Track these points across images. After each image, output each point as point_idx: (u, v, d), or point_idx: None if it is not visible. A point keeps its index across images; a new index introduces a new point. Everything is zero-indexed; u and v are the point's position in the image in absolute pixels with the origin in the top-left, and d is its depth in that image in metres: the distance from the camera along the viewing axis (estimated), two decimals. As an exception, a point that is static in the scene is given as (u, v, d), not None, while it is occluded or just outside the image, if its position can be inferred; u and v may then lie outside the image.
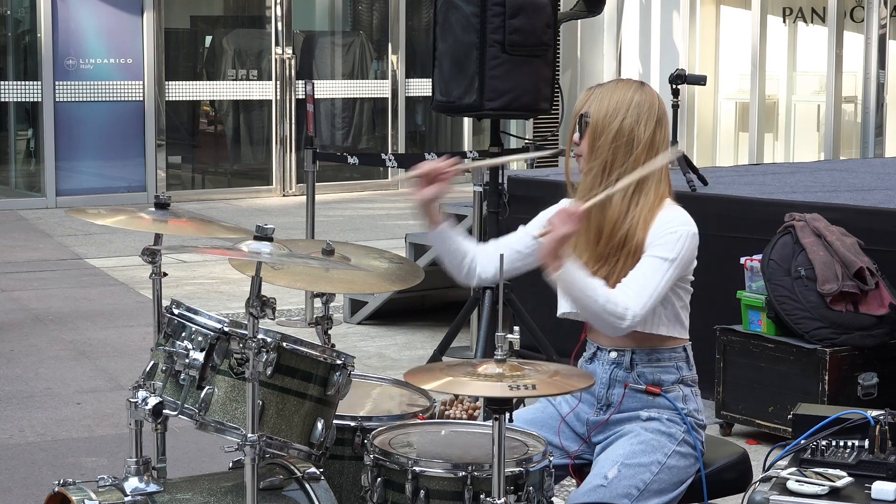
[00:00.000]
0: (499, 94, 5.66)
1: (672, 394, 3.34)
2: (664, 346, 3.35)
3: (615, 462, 3.26)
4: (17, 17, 13.59)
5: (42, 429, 5.75)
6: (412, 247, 7.82)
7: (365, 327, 7.91)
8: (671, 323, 3.34)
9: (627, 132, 3.31)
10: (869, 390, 5.24)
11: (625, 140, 3.31)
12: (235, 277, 8.78)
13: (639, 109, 3.33)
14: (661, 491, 3.27)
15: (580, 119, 3.37)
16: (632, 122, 3.32)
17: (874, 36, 13.73)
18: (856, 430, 3.14)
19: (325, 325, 3.55)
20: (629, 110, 3.33)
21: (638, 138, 3.32)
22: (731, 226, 6.08)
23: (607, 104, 3.34)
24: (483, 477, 2.94)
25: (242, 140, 14.65)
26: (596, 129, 3.33)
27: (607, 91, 3.37)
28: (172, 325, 3.09)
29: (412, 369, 2.99)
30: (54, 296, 8.69)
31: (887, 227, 5.64)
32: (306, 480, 3.15)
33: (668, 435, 3.31)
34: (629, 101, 3.34)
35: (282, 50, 14.04)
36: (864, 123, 13.88)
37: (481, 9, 5.64)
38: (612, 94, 3.36)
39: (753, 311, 5.58)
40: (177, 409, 3.01)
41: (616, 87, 3.38)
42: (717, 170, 8.73)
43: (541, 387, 2.83)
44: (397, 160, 8.55)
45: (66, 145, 12.99)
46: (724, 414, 5.69)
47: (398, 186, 14.65)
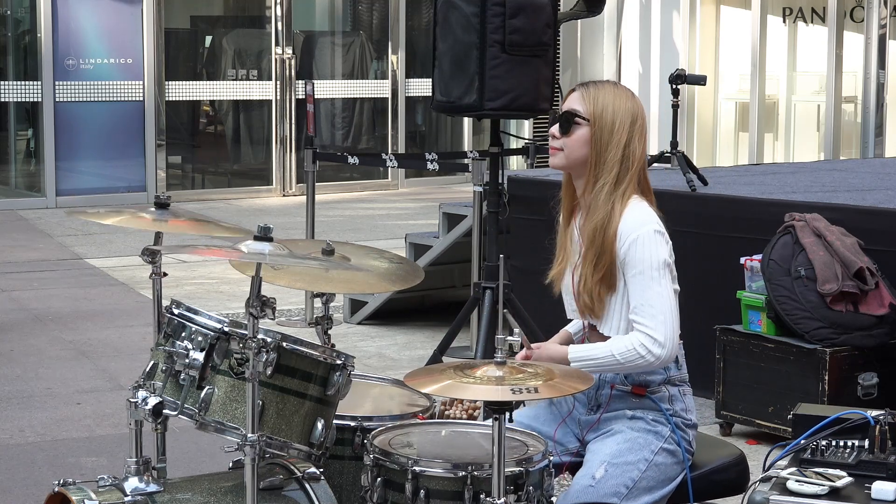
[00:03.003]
0: (499, 94, 5.66)
1: (657, 395, 3.35)
2: None
3: (602, 462, 3.28)
4: (17, 17, 13.58)
5: (42, 429, 5.75)
6: (412, 247, 7.82)
7: (365, 327, 7.91)
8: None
9: (629, 145, 3.33)
10: (869, 390, 5.24)
11: (627, 153, 3.33)
12: (235, 277, 8.78)
13: (633, 120, 3.34)
14: (650, 488, 3.28)
15: (569, 116, 3.36)
16: (629, 135, 3.33)
17: (874, 36, 13.72)
18: (856, 430, 3.14)
19: (325, 325, 3.55)
20: (628, 121, 3.33)
21: (635, 151, 3.34)
22: (731, 226, 6.08)
23: (612, 113, 3.33)
24: (483, 477, 2.94)
25: (242, 140, 14.65)
26: (601, 138, 3.33)
27: (604, 95, 3.35)
28: (172, 325, 3.09)
29: (412, 371, 2.99)
30: (54, 296, 8.69)
31: (887, 227, 5.64)
32: (306, 480, 3.15)
33: (655, 433, 3.32)
34: (626, 110, 3.34)
35: (282, 50, 14.04)
36: (864, 123, 13.88)
37: (481, 9, 5.64)
38: (610, 99, 3.34)
39: (753, 311, 5.58)
40: (177, 409, 3.01)
41: (614, 93, 3.36)
42: (717, 170, 8.73)
43: (542, 390, 2.83)
44: (397, 160, 8.54)
45: (66, 145, 12.99)
46: (724, 414, 5.69)
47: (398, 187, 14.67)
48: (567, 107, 3.40)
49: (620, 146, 3.32)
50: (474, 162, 6.61)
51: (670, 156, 7.21)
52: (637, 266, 3.26)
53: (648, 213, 3.33)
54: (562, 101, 3.46)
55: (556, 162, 3.42)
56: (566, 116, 3.37)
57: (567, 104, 3.41)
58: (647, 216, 3.32)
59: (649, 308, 3.24)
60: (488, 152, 6.15)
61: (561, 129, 3.38)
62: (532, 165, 8.79)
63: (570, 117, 3.36)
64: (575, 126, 3.36)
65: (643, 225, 3.29)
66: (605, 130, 3.33)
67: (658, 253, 3.27)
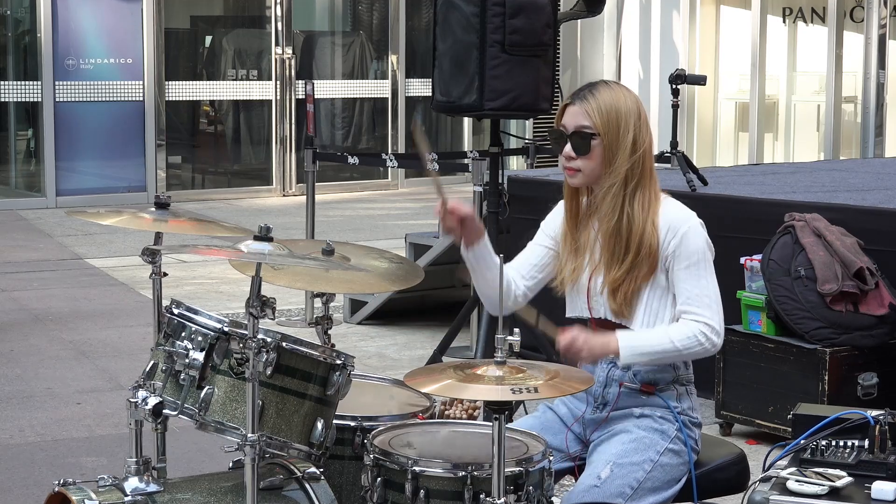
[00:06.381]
0: (499, 94, 5.66)
1: (666, 392, 3.35)
2: None
3: (608, 462, 3.27)
4: (17, 17, 13.59)
5: (42, 429, 5.75)
6: (412, 247, 7.82)
7: (365, 327, 7.91)
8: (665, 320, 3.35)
9: (636, 142, 3.32)
10: (869, 390, 5.24)
11: (636, 151, 3.32)
12: (235, 277, 8.78)
13: (636, 116, 3.34)
14: (656, 489, 3.28)
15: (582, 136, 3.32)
16: (635, 131, 3.33)
17: (874, 36, 13.72)
18: (856, 430, 3.14)
19: (325, 325, 3.55)
20: (632, 120, 3.33)
21: (643, 146, 3.34)
22: (731, 226, 6.08)
23: (616, 118, 3.32)
24: (483, 477, 2.94)
25: (242, 140, 14.65)
26: (611, 147, 3.32)
27: (606, 102, 3.33)
28: (172, 325, 3.09)
29: (412, 371, 2.99)
30: (54, 296, 8.69)
31: (887, 227, 5.64)
32: (306, 480, 3.14)
33: (661, 432, 3.32)
34: (629, 110, 3.34)
35: (282, 50, 14.04)
36: (863, 123, 13.88)
37: (481, 9, 5.64)
38: (612, 104, 3.33)
39: (753, 311, 5.58)
40: (177, 409, 3.01)
41: (613, 97, 3.34)
42: (717, 170, 8.73)
43: (542, 389, 2.82)
44: (397, 160, 8.55)
45: (66, 145, 12.99)
46: (723, 414, 5.69)
47: (398, 187, 14.67)
48: (574, 124, 3.33)
49: (628, 146, 3.32)
50: (474, 162, 6.61)
51: (670, 156, 7.21)
52: (691, 257, 3.29)
53: (683, 206, 3.38)
54: (558, 116, 3.40)
55: (577, 182, 3.39)
56: (579, 136, 3.33)
57: (571, 120, 3.34)
58: (686, 209, 3.37)
59: (705, 298, 3.28)
60: (488, 152, 6.15)
61: (577, 151, 3.34)
62: (532, 165, 8.79)
63: (584, 137, 3.32)
64: (593, 142, 3.32)
65: (689, 218, 3.34)
66: (614, 137, 3.32)
67: (705, 244, 3.33)
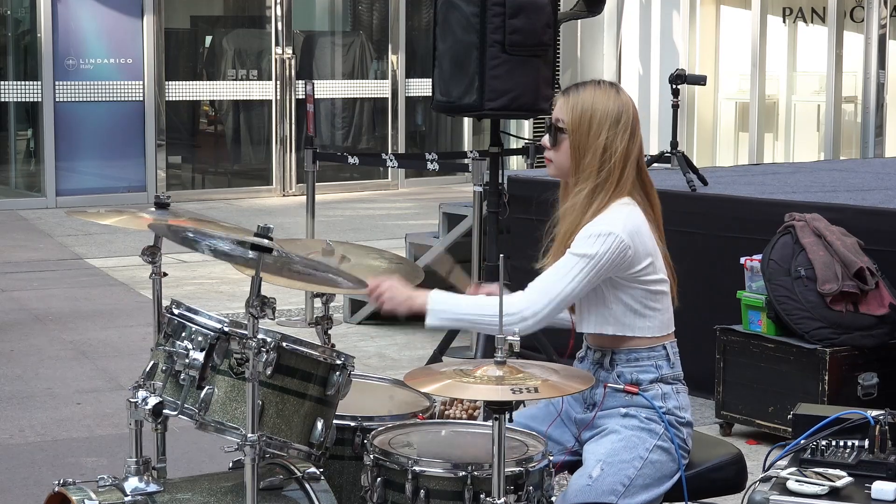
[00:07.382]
0: (499, 94, 5.66)
1: (650, 392, 3.35)
2: (642, 346, 3.36)
3: (598, 461, 3.29)
4: (17, 17, 13.59)
5: (42, 429, 5.75)
6: (412, 247, 7.82)
7: (365, 327, 7.91)
8: (625, 323, 3.34)
9: (607, 148, 3.32)
10: (869, 390, 5.24)
11: (605, 156, 3.32)
12: (235, 277, 8.78)
13: (614, 122, 3.33)
14: (647, 486, 3.29)
15: (556, 128, 3.37)
16: (608, 137, 3.32)
17: (874, 36, 13.73)
18: (856, 430, 3.14)
19: (325, 325, 3.55)
20: (607, 125, 3.32)
21: (616, 154, 3.32)
22: (731, 226, 6.08)
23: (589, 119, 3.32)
24: (483, 477, 2.94)
25: (242, 140, 14.65)
26: (579, 146, 3.34)
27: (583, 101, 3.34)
28: (172, 325, 3.09)
29: (412, 371, 2.99)
30: (54, 296, 8.69)
31: (887, 227, 5.64)
32: (306, 480, 3.15)
33: (649, 431, 3.33)
34: (606, 114, 3.33)
35: (282, 50, 14.03)
36: (864, 123, 13.88)
37: (481, 9, 5.64)
38: (588, 105, 3.33)
39: (753, 311, 5.58)
40: (177, 409, 3.01)
41: (593, 98, 3.34)
42: (717, 170, 8.73)
43: (542, 389, 2.83)
44: (397, 160, 8.55)
45: (66, 145, 12.99)
46: (723, 414, 5.69)
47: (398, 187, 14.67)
48: (555, 116, 3.41)
49: (599, 149, 3.32)
50: (474, 162, 6.61)
51: (670, 156, 7.21)
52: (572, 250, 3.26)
53: (623, 218, 3.30)
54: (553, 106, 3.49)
55: (550, 172, 3.49)
56: (554, 128, 3.39)
57: (555, 112, 3.42)
58: (619, 220, 3.28)
59: (548, 287, 3.25)
60: (488, 152, 6.15)
61: (550, 141, 3.41)
62: (532, 165, 8.80)
63: (557, 130, 3.39)
64: (560, 136, 3.37)
65: (610, 224, 3.26)
66: (583, 137, 3.33)
67: (588, 247, 3.24)
